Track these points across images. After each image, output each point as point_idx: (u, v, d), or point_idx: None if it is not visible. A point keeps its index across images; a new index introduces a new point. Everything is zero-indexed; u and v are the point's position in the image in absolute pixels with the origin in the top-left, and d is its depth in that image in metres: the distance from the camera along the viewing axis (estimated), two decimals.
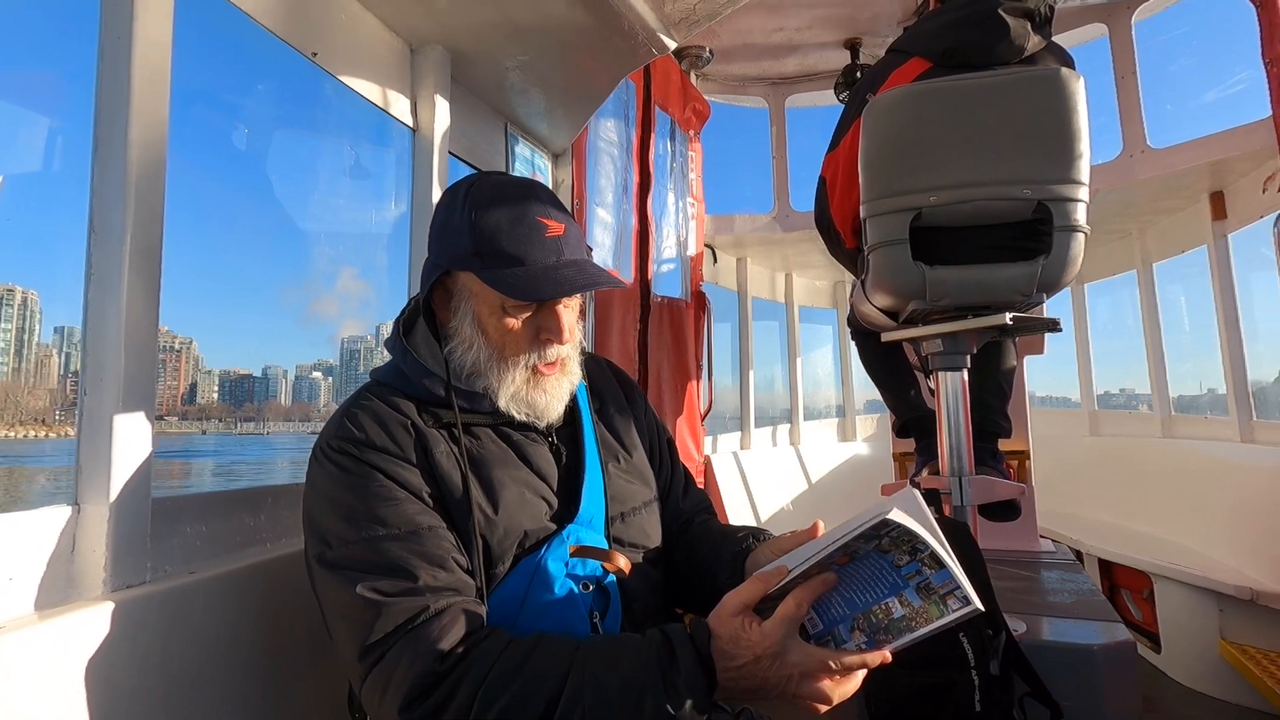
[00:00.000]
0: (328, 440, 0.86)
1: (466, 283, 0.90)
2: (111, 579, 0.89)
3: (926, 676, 1.29)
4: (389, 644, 0.74)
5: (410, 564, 0.78)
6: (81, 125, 0.95)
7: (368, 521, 0.80)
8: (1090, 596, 1.74)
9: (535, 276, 0.86)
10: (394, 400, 0.89)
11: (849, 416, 4.67)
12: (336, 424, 0.87)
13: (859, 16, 3.08)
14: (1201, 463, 3.11)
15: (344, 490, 0.82)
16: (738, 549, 0.96)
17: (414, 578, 0.77)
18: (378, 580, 0.77)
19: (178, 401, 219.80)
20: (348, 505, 0.81)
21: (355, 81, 1.48)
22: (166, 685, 0.90)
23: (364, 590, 0.76)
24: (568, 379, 0.94)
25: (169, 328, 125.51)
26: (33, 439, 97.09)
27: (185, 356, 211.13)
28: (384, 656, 0.74)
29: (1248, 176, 2.83)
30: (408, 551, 0.79)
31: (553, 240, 0.88)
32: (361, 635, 0.75)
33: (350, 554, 0.79)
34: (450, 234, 0.90)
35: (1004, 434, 1.88)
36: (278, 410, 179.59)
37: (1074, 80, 1.37)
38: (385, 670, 0.74)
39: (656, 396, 2.71)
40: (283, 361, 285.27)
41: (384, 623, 0.75)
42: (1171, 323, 3.67)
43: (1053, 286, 1.43)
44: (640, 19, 1.64)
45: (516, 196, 0.89)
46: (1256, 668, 2.15)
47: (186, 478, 27.31)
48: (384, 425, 0.86)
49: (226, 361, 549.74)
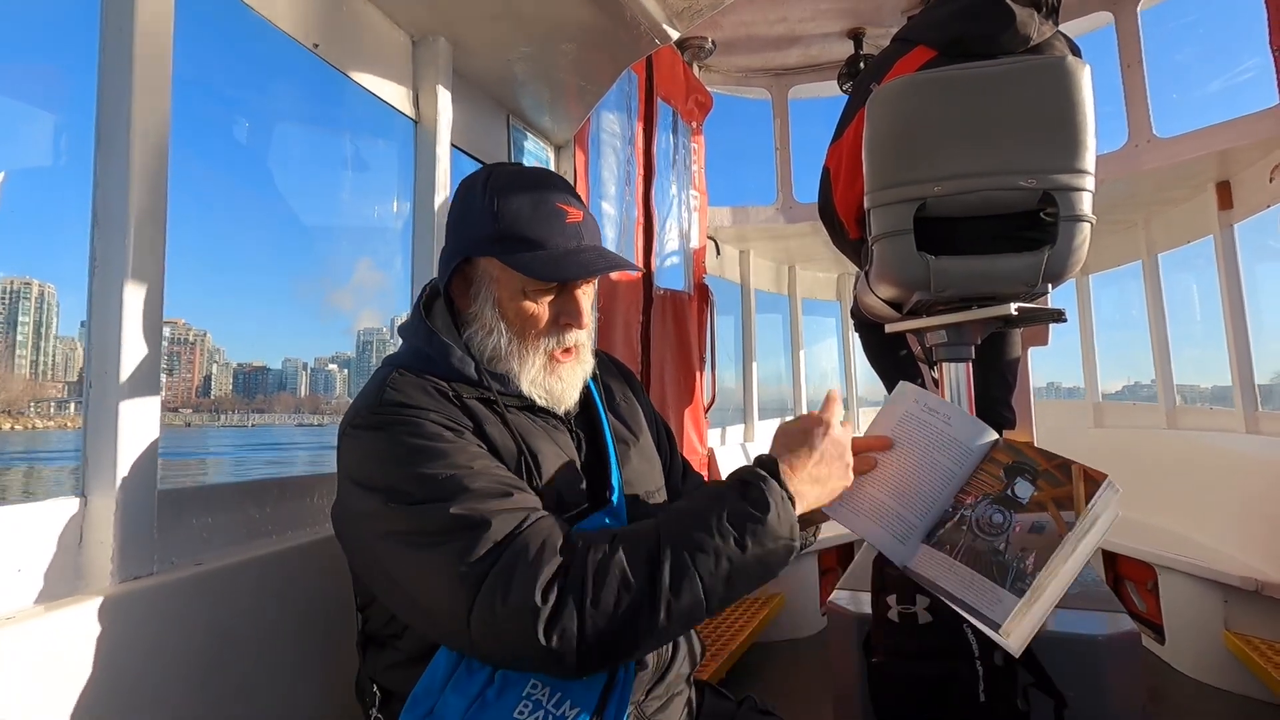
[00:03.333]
0: (369, 409, 0.84)
1: (487, 268, 0.91)
2: (118, 571, 0.89)
3: (931, 667, 1.30)
4: (504, 548, 0.72)
5: (498, 487, 0.77)
6: (92, 117, 0.95)
7: (440, 464, 0.78)
8: (1094, 588, 1.74)
9: (557, 259, 0.88)
10: (425, 378, 0.88)
11: (853, 409, 4.67)
12: (374, 396, 0.85)
13: (862, 6, 3.05)
14: (1207, 454, 3.10)
15: (404, 443, 0.80)
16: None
17: (507, 494, 0.77)
18: (473, 500, 0.75)
19: (192, 393, 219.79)
20: (413, 454, 0.79)
21: (357, 73, 1.48)
22: (173, 676, 0.91)
23: (460, 509, 0.74)
24: (582, 367, 0.95)
25: (186, 320, 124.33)
26: (51, 430, 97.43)
27: (200, 348, 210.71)
28: (499, 559, 0.72)
29: (1254, 166, 2.81)
30: (490, 480, 0.78)
31: (573, 226, 0.90)
32: (469, 550, 0.72)
33: (432, 491, 0.76)
34: (471, 220, 0.91)
35: (1008, 425, 1.88)
36: (289, 402, 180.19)
37: (1079, 69, 1.35)
38: (503, 572, 0.71)
39: (660, 389, 2.71)
40: (302, 354, 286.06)
41: (494, 532, 0.73)
42: (1178, 313, 3.65)
43: (1058, 277, 1.42)
44: (643, 9, 1.63)
45: (536, 183, 0.92)
46: (1261, 659, 2.14)
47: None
48: (428, 393, 0.86)
49: (245, 354, 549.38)
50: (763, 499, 0.76)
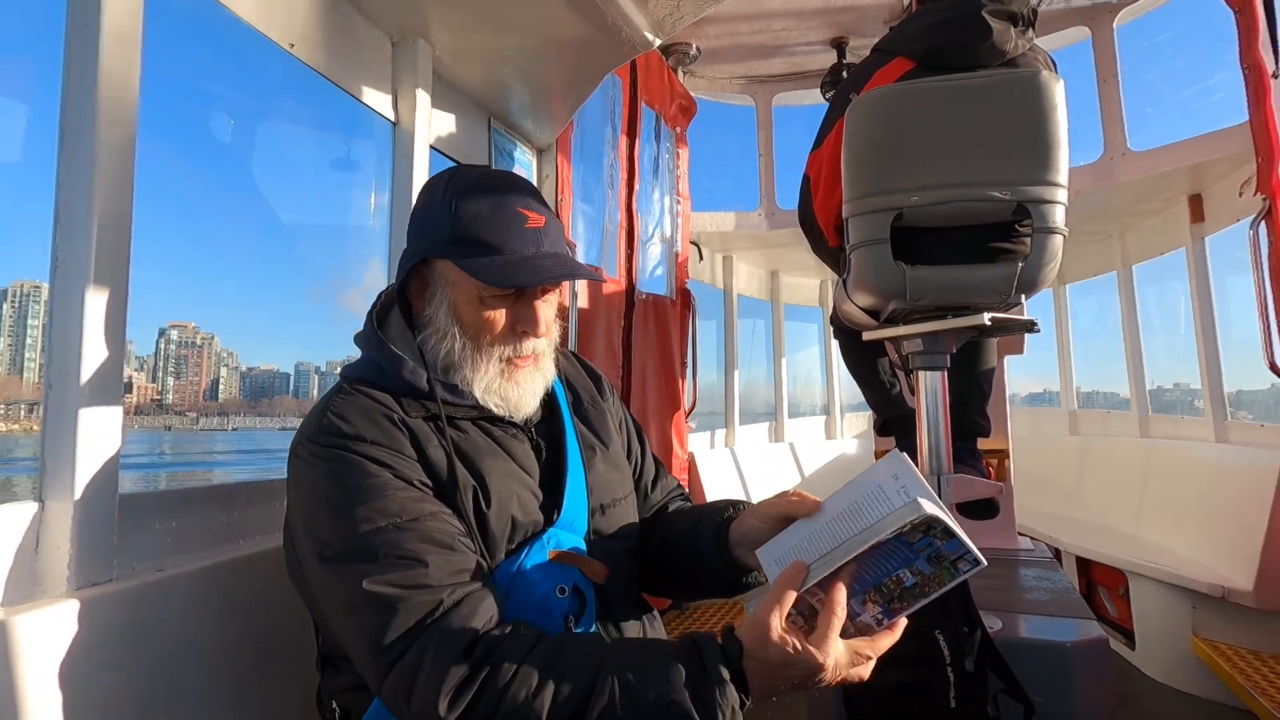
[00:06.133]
0: (310, 437, 0.83)
1: (444, 271, 0.89)
2: (75, 577, 0.87)
3: (903, 674, 1.30)
4: (409, 641, 0.71)
5: (418, 552, 0.75)
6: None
7: (367, 513, 0.76)
8: (1066, 594, 1.76)
9: (513, 264, 0.85)
10: (374, 395, 0.87)
11: (834, 414, 4.70)
12: (316, 421, 0.84)
13: (845, 16, 3.08)
14: (1178, 462, 3.15)
15: (336, 485, 0.79)
16: (719, 520, 0.95)
17: (424, 565, 0.74)
18: (387, 573, 0.73)
19: (200, 396, 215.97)
20: (343, 500, 0.78)
21: (334, 74, 1.46)
22: (133, 684, 0.89)
23: (373, 585, 0.73)
24: (541, 374, 0.93)
25: (196, 324, 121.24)
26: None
27: (207, 352, 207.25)
28: (404, 654, 0.71)
29: (1225, 180, 2.87)
30: (414, 539, 0.76)
31: (533, 231, 0.87)
32: (377, 634, 0.72)
33: (353, 548, 0.75)
34: (430, 222, 0.89)
35: (983, 433, 1.90)
36: (290, 406, 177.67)
37: (1053, 83, 1.37)
38: (408, 669, 0.71)
39: (641, 394, 2.71)
40: (314, 357, 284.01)
41: (401, 619, 0.72)
42: (1153, 324, 3.72)
43: (1031, 287, 1.44)
44: (624, 16, 1.63)
45: (498, 187, 0.89)
46: (1227, 664, 2.18)
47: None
48: (370, 418, 0.84)
49: (258, 358, 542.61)
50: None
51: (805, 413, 4.75)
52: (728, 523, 0.94)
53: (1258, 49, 2.19)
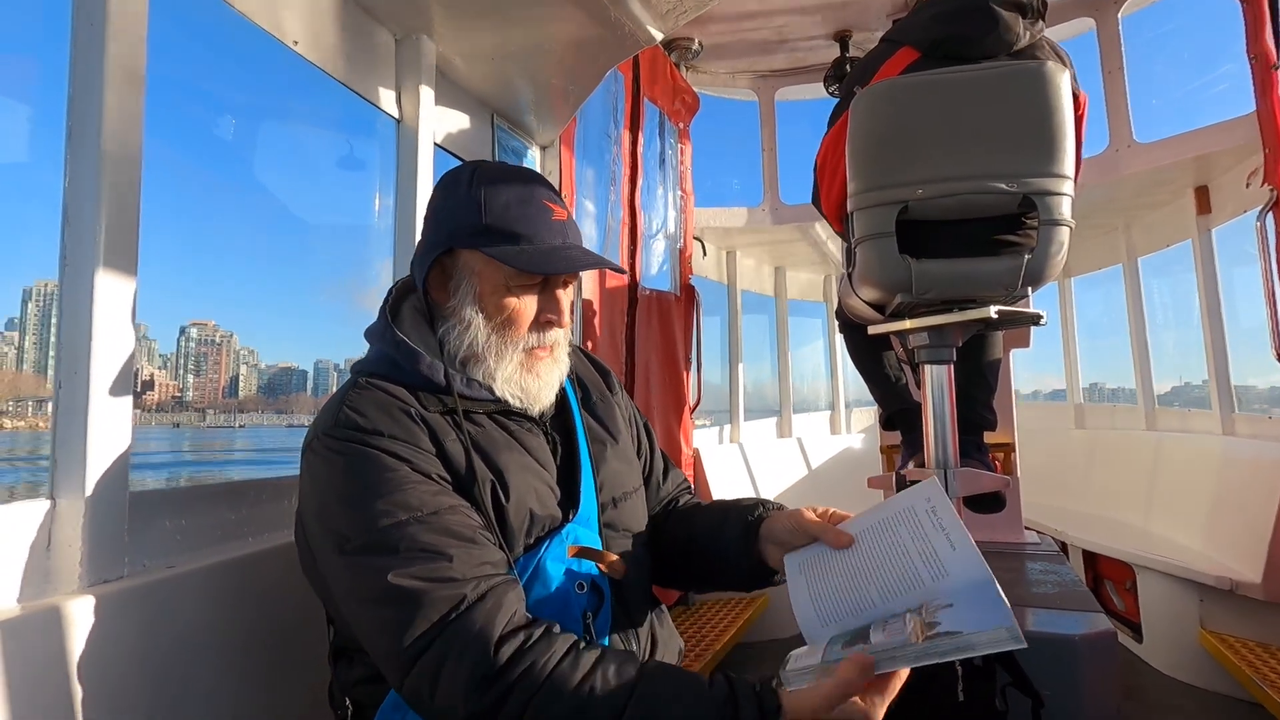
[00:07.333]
0: (326, 431, 0.82)
1: (469, 261, 0.89)
2: (87, 574, 0.88)
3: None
4: (433, 635, 0.71)
5: (440, 545, 0.75)
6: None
7: (387, 507, 0.76)
8: (1073, 587, 1.76)
9: (544, 253, 0.87)
10: (390, 389, 0.86)
11: (838, 409, 4.69)
12: (332, 415, 0.83)
13: (848, 10, 3.07)
14: (1185, 455, 3.14)
15: (355, 479, 0.78)
16: (748, 518, 0.94)
17: (447, 558, 0.74)
18: (410, 566, 0.73)
19: (219, 393, 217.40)
20: (362, 494, 0.77)
21: (338, 72, 1.46)
22: (145, 680, 0.89)
23: (397, 579, 0.72)
24: (558, 366, 0.94)
25: (216, 322, 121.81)
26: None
27: (226, 349, 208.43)
28: (429, 648, 0.71)
29: (1232, 171, 2.85)
30: (435, 533, 0.75)
31: (559, 224, 0.90)
32: (400, 629, 0.72)
33: (375, 541, 0.75)
34: (454, 213, 0.89)
35: (989, 426, 1.89)
36: (306, 403, 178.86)
37: (1059, 74, 1.37)
38: (432, 663, 0.70)
39: (645, 390, 2.71)
40: (334, 355, 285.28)
41: (426, 613, 0.71)
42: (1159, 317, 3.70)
43: (1038, 280, 1.43)
44: (627, 10, 1.63)
45: (524, 180, 0.92)
46: (1235, 657, 2.18)
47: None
48: (387, 412, 0.83)
49: (278, 355, 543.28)
50: None
51: (809, 408, 4.74)
52: (758, 522, 0.93)
53: (1264, 39, 2.17)
